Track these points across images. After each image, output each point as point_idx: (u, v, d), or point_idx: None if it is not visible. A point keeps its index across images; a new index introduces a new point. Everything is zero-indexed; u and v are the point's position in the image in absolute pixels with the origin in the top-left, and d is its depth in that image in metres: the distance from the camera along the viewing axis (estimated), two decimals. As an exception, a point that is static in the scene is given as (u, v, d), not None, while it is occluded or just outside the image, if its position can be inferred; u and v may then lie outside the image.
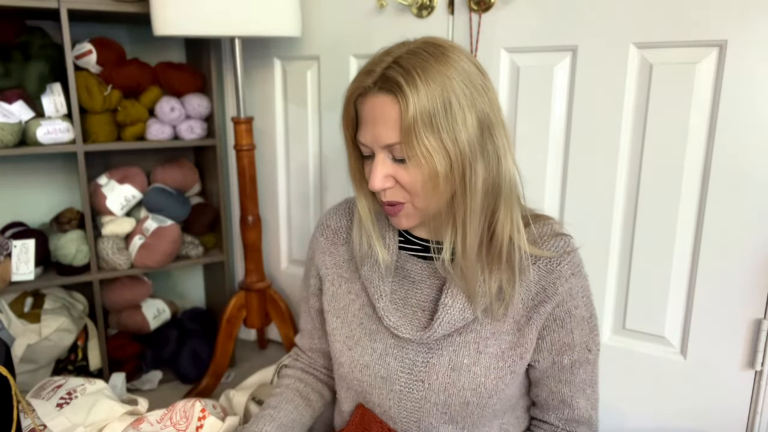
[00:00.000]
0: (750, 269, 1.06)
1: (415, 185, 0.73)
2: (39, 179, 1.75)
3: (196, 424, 1.01)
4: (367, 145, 0.75)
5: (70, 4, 1.44)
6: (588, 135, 1.19)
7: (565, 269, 0.79)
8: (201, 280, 2.11)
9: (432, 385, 0.80)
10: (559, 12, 1.18)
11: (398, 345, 0.82)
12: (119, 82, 1.60)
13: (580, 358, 0.83)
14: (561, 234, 0.81)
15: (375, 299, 0.83)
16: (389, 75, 0.70)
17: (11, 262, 1.51)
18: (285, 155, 1.80)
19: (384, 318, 0.81)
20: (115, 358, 1.73)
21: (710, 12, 1.03)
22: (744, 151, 1.04)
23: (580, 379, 0.84)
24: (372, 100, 0.72)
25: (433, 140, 0.69)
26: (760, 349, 1.07)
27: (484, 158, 0.72)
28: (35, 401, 1.04)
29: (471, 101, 0.71)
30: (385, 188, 0.75)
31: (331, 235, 0.92)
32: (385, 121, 0.71)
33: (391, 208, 0.77)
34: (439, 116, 0.69)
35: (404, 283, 0.84)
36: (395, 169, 0.74)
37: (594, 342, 0.84)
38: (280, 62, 1.73)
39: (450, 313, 0.78)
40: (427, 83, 0.68)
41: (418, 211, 0.77)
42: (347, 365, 0.85)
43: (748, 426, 1.12)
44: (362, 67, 0.76)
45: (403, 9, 1.39)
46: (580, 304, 0.81)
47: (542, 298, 0.79)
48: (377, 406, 0.84)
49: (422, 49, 0.71)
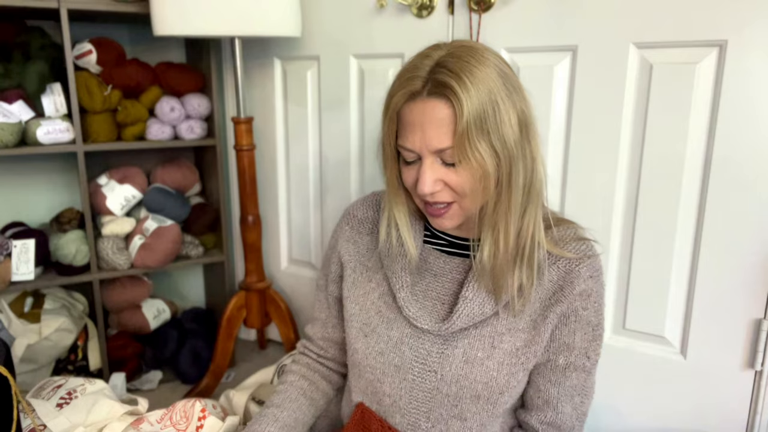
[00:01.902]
0: (750, 269, 1.06)
1: (464, 187, 0.74)
2: (39, 179, 1.75)
3: (196, 424, 1.01)
4: (415, 151, 0.74)
5: (70, 4, 1.44)
6: (588, 135, 1.19)
7: (584, 271, 0.80)
8: (201, 280, 2.11)
9: (444, 377, 0.80)
10: (559, 12, 1.18)
11: (414, 335, 0.83)
12: (119, 82, 1.60)
13: (576, 362, 0.83)
14: (584, 238, 0.82)
15: (396, 289, 0.83)
16: (439, 79, 0.70)
17: (11, 262, 1.51)
18: (285, 155, 1.80)
19: (404, 308, 0.82)
20: (115, 358, 1.73)
21: (710, 12, 1.03)
22: (744, 151, 1.04)
23: (570, 384, 0.84)
24: (422, 105, 0.71)
25: (485, 143, 0.70)
26: (760, 349, 1.07)
27: (524, 157, 0.73)
28: (35, 401, 1.04)
29: (512, 101, 0.72)
30: (435, 191, 0.75)
31: (356, 225, 0.94)
32: (438, 126, 0.71)
33: (437, 210, 0.77)
34: (489, 119, 0.69)
35: (426, 276, 0.85)
36: (444, 172, 0.74)
37: (594, 351, 0.84)
38: (280, 62, 1.73)
39: (470, 306, 0.79)
40: (476, 86, 0.69)
41: (464, 211, 0.78)
42: (362, 351, 0.86)
43: (748, 426, 1.12)
44: (402, 72, 0.75)
45: (403, 9, 1.39)
46: (589, 307, 0.81)
47: (559, 297, 0.80)
48: (388, 396, 0.85)
49: (461, 51, 0.72)
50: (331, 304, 0.98)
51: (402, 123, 0.75)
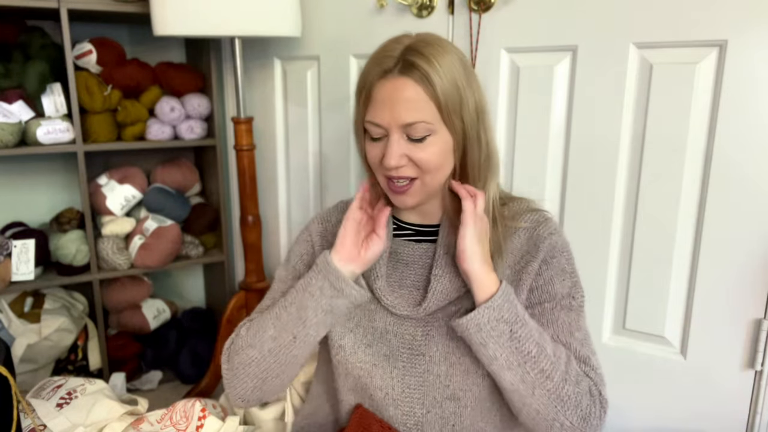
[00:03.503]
0: (750, 269, 1.06)
1: (429, 162, 0.79)
2: (39, 179, 1.75)
3: (196, 424, 1.01)
4: (383, 126, 0.79)
5: (70, 4, 1.44)
6: (588, 135, 1.19)
7: (543, 230, 0.85)
8: (201, 280, 2.11)
9: (433, 357, 0.82)
10: (559, 12, 1.18)
11: (397, 322, 0.85)
12: (119, 82, 1.60)
13: (562, 303, 0.83)
14: (537, 209, 0.89)
15: (372, 280, 0.86)
16: (410, 59, 0.76)
17: (11, 262, 1.51)
18: (285, 155, 1.80)
19: (381, 298, 0.85)
20: (115, 358, 1.73)
21: (710, 12, 1.03)
22: (744, 151, 1.04)
23: (563, 322, 0.82)
24: (393, 83, 0.77)
25: (452, 120, 0.78)
26: (760, 349, 1.07)
27: (479, 140, 0.81)
28: (35, 401, 1.04)
29: (471, 89, 0.80)
30: (400, 166, 0.79)
31: (331, 228, 0.95)
32: (407, 101, 0.76)
33: (400, 187, 0.81)
34: (454, 99, 0.77)
35: (398, 266, 0.89)
36: (409, 148, 0.79)
37: (578, 293, 0.85)
38: (280, 62, 1.73)
39: (442, 283, 0.82)
40: (442, 68, 0.76)
41: (425, 188, 0.82)
42: (349, 347, 0.86)
43: (748, 426, 1.12)
44: (375, 54, 0.81)
45: (403, 9, 1.39)
46: (557, 256, 0.84)
47: (528, 259, 0.84)
48: (379, 389, 0.84)
49: (429, 39, 0.79)
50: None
51: (372, 100, 0.80)
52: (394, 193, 0.83)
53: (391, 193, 0.83)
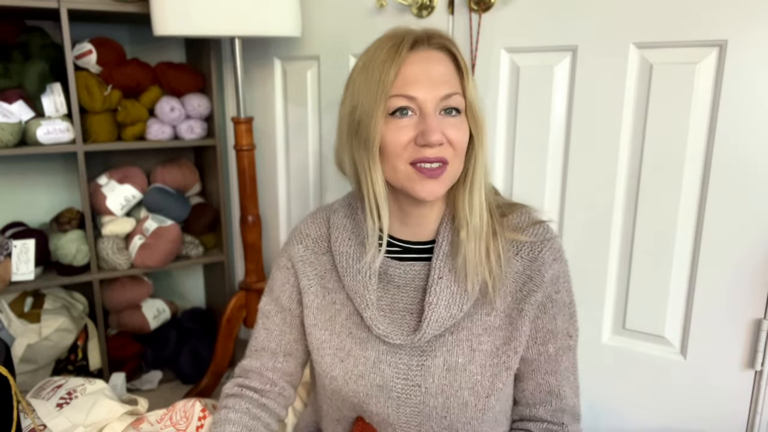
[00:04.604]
0: (750, 269, 1.06)
1: (461, 143, 0.75)
2: (39, 179, 1.75)
3: (196, 424, 1.01)
4: (419, 98, 0.73)
5: (70, 4, 1.44)
6: (588, 135, 1.19)
7: (548, 256, 0.80)
8: (201, 280, 2.11)
9: (429, 389, 0.79)
10: (559, 12, 1.18)
11: (391, 351, 0.81)
12: (119, 82, 1.60)
13: (563, 345, 0.83)
14: (540, 221, 0.83)
15: (362, 309, 0.81)
16: (433, 33, 0.76)
17: (11, 262, 1.51)
18: (285, 155, 1.80)
19: (373, 327, 0.80)
20: (115, 358, 1.73)
21: (710, 12, 1.03)
22: (744, 151, 1.04)
23: (564, 367, 0.84)
24: (426, 54, 0.75)
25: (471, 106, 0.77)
26: (760, 349, 1.07)
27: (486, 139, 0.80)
28: (35, 401, 1.04)
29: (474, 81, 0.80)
30: (442, 142, 0.73)
31: (311, 245, 0.89)
32: (443, 73, 0.74)
33: (434, 170, 0.74)
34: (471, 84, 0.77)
35: (389, 289, 0.83)
36: (443, 125, 0.74)
37: (574, 328, 0.85)
38: (280, 62, 1.73)
39: (437, 312, 0.78)
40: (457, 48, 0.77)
41: (450, 177, 0.77)
42: (341, 378, 0.83)
43: (748, 426, 1.12)
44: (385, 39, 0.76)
45: (403, 9, 1.39)
46: (561, 290, 0.82)
47: (530, 287, 0.80)
48: (376, 415, 0.83)
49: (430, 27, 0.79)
50: (285, 332, 0.91)
51: (402, 75, 0.73)
52: (424, 179, 0.74)
53: (418, 181, 0.74)
